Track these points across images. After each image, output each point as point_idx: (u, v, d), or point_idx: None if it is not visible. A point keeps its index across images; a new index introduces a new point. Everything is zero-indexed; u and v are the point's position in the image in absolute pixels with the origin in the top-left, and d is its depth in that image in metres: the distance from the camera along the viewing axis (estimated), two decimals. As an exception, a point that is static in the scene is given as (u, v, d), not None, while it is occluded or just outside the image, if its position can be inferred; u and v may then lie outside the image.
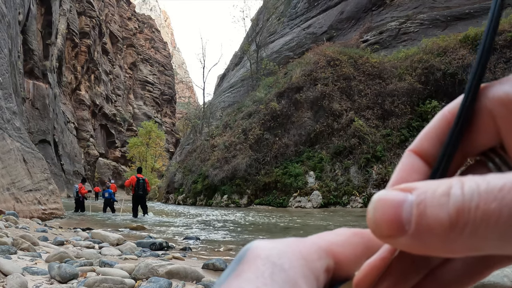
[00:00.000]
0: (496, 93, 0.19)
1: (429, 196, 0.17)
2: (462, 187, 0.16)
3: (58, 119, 43.49)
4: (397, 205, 0.17)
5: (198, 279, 3.03)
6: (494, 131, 0.19)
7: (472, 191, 0.16)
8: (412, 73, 20.60)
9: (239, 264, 0.19)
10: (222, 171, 22.57)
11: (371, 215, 0.18)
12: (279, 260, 0.18)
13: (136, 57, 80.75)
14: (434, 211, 0.16)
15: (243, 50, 41.53)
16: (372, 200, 0.18)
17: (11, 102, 10.44)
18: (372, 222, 0.18)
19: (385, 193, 0.18)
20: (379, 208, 0.18)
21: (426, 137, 0.21)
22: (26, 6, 25.83)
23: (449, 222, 0.16)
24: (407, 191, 0.17)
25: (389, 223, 0.17)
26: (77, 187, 14.98)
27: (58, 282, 2.70)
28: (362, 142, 19.43)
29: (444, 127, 0.20)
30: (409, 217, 0.17)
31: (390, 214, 0.17)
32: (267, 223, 10.12)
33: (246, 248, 0.20)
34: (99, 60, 62.30)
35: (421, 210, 0.16)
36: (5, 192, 8.09)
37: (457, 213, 0.16)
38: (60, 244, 4.98)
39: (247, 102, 28.57)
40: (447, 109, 0.21)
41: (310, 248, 0.20)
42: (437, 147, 0.21)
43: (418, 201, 0.17)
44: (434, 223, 0.16)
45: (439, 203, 0.16)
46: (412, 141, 0.22)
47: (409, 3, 28.89)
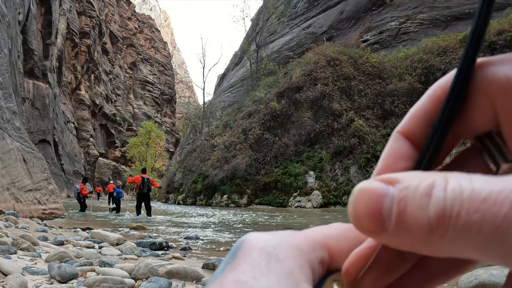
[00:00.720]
0: (495, 74, 0.18)
1: (410, 194, 0.16)
2: (445, 189, 0.15)
3: (58, 119, 43.50)
4: (377, 199, 0.17)
5: (198, 279, 3.03)
6: (491, 114, 0.18)
7: (455, 196, 0.15)
8: (412, 73, 20.60)
9: (235, 256, 0.19)
10: (222, 171, 22.57)
11: (351, 208, 0.18)
12: (274, 251, 0.18)
13: (136, 57, 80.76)
14: (414, 212, 0.15)
15: (243, 50, 41.54)
16: (354, 190, 0.18)
17: (11, 102, 10.45)
18: (353, 215, 0.17)
19: (367, 184, 0.17)
20: (359, 201, 0.17)
21: (415, 116, 0.20)
22: (26, 6, 25.83)
23: (428, 227, 0.15)
24: (390, 183, 0.17)
25: (369, 218, 0.17)
26: (78, 187, 14.95)
27: (58, 282, 2.70)
28: (362, 142, 19.43)
29: (434, 105, 0.19)
30: (389, 213, 0.16)
31: (371, 208, 0.17)
32: (267, 223, 10.12)
33: (241, 240, 0.20)
34: (99, 60, 62.31)
35: (401, 209, 0.16)
36: (5, 192, 8.09)
37: (437, 219, 0.15)
38: (60, 244, 4.98)
39: (247, 102, 28.57)
40: (438, 85, 0.20)
41: (305, 240, 0.20)
42: (427, 128, 0.20)
43: (399, 198, 0.16)
44: (413, 226, 0.15)
45: (419, 205, 0.15)
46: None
47: (409, 3, 28.89)
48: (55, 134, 40.45)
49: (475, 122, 0.19)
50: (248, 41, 41.52)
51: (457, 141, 0.20)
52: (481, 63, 0.18)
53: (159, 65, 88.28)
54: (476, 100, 0.18)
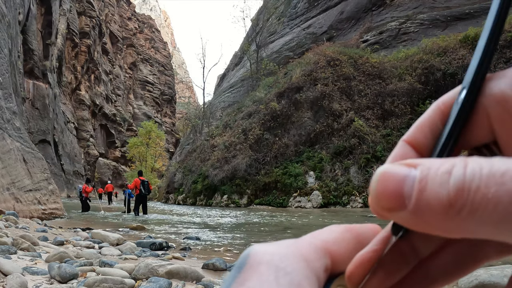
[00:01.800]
0: (491, 90, 0.18)
1: (432, 173, 0.17)
2: (465, 167, 0.16)
3: (58, 119, 43.49)
4: (400, 179, 0.17)
5: (198, 279, 3.02)
6: (488, 128, 0.19)
7: (474, 172, 0.16)
8: (412, 73, 20.60)
9: (242, 270, 0.19)
10: (222, 171, 22.57)
11: (373, 187, 0.18)
12: (281, 264, 0.18)
13: (136, 57, 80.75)
14: (435, 188, 0.16)
15: (243, 50, 41.54)
16: (376, 172, 0.18)
17: (11, 102, 10.44)
18: (374, 195, 0.18)
19: (390, 167, 0.18)
20: (382, 181, 0.18)
21: (420, 128, 0.21)
22: (26, 6, 25.83)
23: (448, 201, 0.16)
24: (412, 166, 0.17)
25: (390, 196, 0.17)
26: (80, 187, 14.98)
27: (58, 282, 2.70)
28: (362, 142, 19.43)
29: (437, 119, 0.20)
30: (410, 192, 0.17)
31: (392, 187, 0.17)
32: (267, 223, 10.12)
33: (246, 254, 0.19)
34: (99, 60, 62.30)
35: (422, 186, 0.16)
36: (5, 192, 8.09)
37: (456, 192, 0.15)
38: (60, 244, 4.98)
39: (247, 102, 28.57)
40: (441, 101, 0.21)
41: (309, 249, 0.20)
42: (430, 139, 0.20)
43: (421, 177, 0.17)
44: (434, 200, 0.16)
45: (441, 181, 0.16)
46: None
47: (409, 3, 28.90)
48: (55, 134, 40.45)
49: (475, 136, 0.19)
50: (248, 41, 41.52)
51: (458, 152, 0.20)
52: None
53: (159, 65, 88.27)
54: (476, 115, 0.19)
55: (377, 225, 0.22)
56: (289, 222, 10.23)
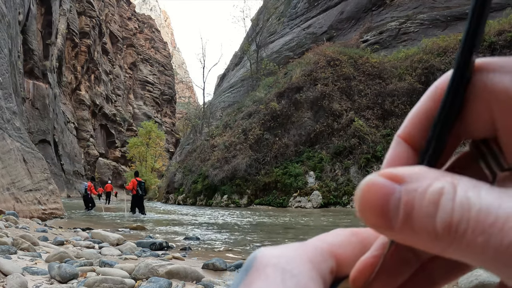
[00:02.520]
0: (495, 84, 0.17)
1: (418, 199, 0.16)
2: (453, 199, 0.15)
3: (58, 119, 43.47)
4: (384, 197, 0.17)
5: (198, 279, 3.02)
6: (488, 122, 0.18)
7: (463, 211, 0.15)
8: (412, 73, 20.60)
9: (248, 273, 0.19)
10: (222, 171, 22.57)
11: (357, 202, 0.17)
12: (288, 266, 0.18)
13: (136, 57, 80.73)
14: (421, 219, 0.16)
15: (243, 50, 41.54)
16: (360, 185, 0.18)
17: (11, 102, 10.44)
18: (359, 210, 0.17)
19: (373, 180, 0.17)
20: (366, 197, 0.17)
21: (414, 120, 0.20)
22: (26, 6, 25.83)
23: (434, 235, 0.15)
24: (397, 181, 0.17)
25: (375, 215, 0.17)
26: (86, 184, 15.13)
27: (58, 282, 2.70)
28: (362, 142, 19.43)
29: (433, 107, 0.19)
30: (395, 211, 0.16)
31: (377, 205, 0.17)
32: (267, 223, 10.11)
33: (252, 257, 0.19)
34: (99, 60, 62.29)
35: (408, 212, 0.16)
36: (5, 192, 8.09)
37: (443, 230, 0.15)
38: (60, 244, 4.98)
39: (247, 102, 28.57)
40: (437, 85, 0.19)
41: (315, 251, 0.20)
42: (425, 131, 0.19)
43: (406, 200, 0.16)
44: (420, 230, 0.16)
45: (427, 212, 0.16)
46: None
47: (409, 3, 28.89)
48: (55, 134, 40.43)
49: (473, 127, 0.19)
50: (248, 41, 41.51)
51: (458, 142, 0.20)
52: (481, 66, 0.18)
53: (159, 65, 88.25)
54: (474, 105, 0.18)
55: None
56: (289, 222, 10.23)
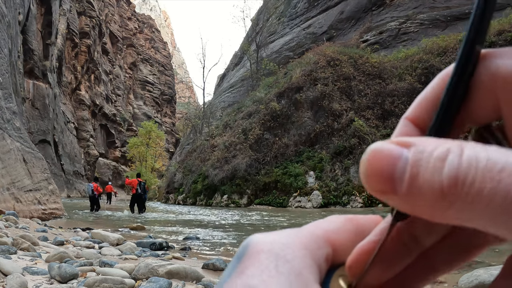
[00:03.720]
0: (498, 68, 0.17)
1: (425, 158, 0.16)
2: (460, 155, 0.15)
3: (58, 119, 43.47)
4: (391, 161, 0.16)
5: (198, 279, 3.02)
6: (493, 107, 0.18)
7: (470, 163, 0.15)
8: (412, 73, 20.60)
9: (241, 260, 0.18)
10: (222, 171, 22.57)
11: (363, 168, 0.17)
12: (282, 252, 0.18)
13: (136, 57, 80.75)
14: (428, 176, 0.15)
15: (243, 50, 41.54)
16: (367, 150, 0.17)
17: (11, 102, 10.44)
18: (364, 175, 0.17)
19: (381, 145, 0.17)
20: (372, 161, 0.17)
21: (423, 103, 0.20)
22: (26, 6, 25.82)
23: (440, 192, 0.15)
24: (404, 145, 0.16)
25: (380, 178, 0.16)
26: (92, 185, 15.39)
27: (58, 282, 2.70)
28: (362, 142, 19.42)
29: (440, 93, 0.19)
30: (402, 175, 0.16)
31: (383, 169, 0.16)
32: (267, 223, 10.12)
33: (246, 243, 0.19)
34: (99, 60, 62.29)
35: (414, 172, 0.16)
36: (5, 192, 8.09)
37: (449, 184, 0.15)
38: (60, 244, 4.98)
39: (247, 102, 28.57)
40: (445, 73, 0.19)
41: (310, 238, 0.20)
42: (432, 115, 0.19)
43: (413, 161, 0.16)
44: (426, 189, 0.15)
45: (434, 168, 0.15)
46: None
47: (409, 3, 28.89)
48: (55, 134, 40.44)
49: (477, 113, 0.18)
50: (248, 41, 41.52)
51: (462, 128, 0.19)
52: (485, 54, 0.18)
53: (159, 65, 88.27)
54: (479, 91, 0.18)
55: (379, 216, 0.22)
56: (289, 222, 10.23)
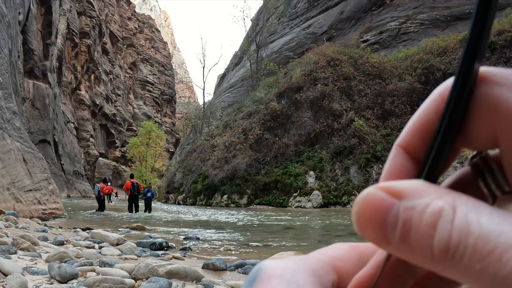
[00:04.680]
0: (500, 101, 0.16)
1: (416, 218, 0.16)
2: (451, 222, 0.15)
3: (58, 119, 43.46)
4: (382, 212, 0.17)
5: (198, 279, 3.02)
6: (491, 135, 0.17)
7: (461, 235, 0.15)
8: (412, 73, 20.60)
9: (253, 284, 0.19)
10: (222, 171, 22.57)
11: (355, 215, 0.17)
12: (293, 278, 0.18)
13: (136, 57, 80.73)
14: (418, 239, 0.16)
15: (243, 50, 41.53)
16: (357, 199, 0.18)
17: (11, 102, 10.44)
18: (357, 224, 0.17)
19: (372, 194, 0.17)
20: (363, 210, 0.17)
21: (414, 129, 0.19)
22: (26, 6, 25.81)
23: (431, 257, 0.15)
24: (395, 196, 0.17)
25: (373, 229, 0.17)
26: (99, 186, 15.71)
27: (58, 282, 2.70)
28: (362, 142, 19.42)
29: (433, 115, 0.19)
30: (393, 228, 0.16)
31: (375, 219, 0.17)
32: (267, 223, 10.11)
33: (257, 268, 0.20)
34: (99, 60, 62.28)
35: (405, 230, 0.16)
36: (5, 192, 8.09)
37: (439, 253, 0.15)
38: (60, 244, 4.98)
39: (247, 102, 28.56)
40: (438, 93, 0.19)
41: (318, 264, 0.20)
42: (426, 139, 0.19)
43: (403, 218, 0.16)
44: (417, 250, 0.16)
45: (424, 233, 0.15)
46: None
47: (409, 3, 28.89)
48: (55, 134, 40.43)
49: (473, 138, 0.18)
50: (248, 41, 41.52)
51: (457, 152, 0.19)
52: (485, 76, 0.17)
53: (159, 65, 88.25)
54: (477, 116, 0.17)
55: None
56: (290, 222, 10.23)
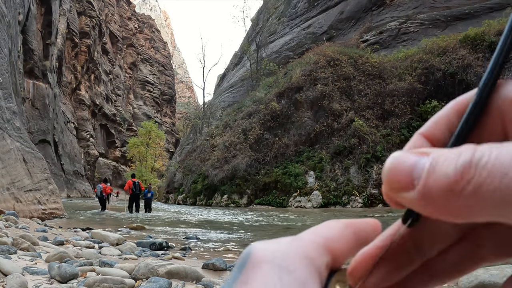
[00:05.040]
0: (507, 94, 0.19)
1: (442, 156, 0.17)
2: (474, 148, 0.17)
3: (58, 119, 43.46)
4: (411, 164, 0.18)
5: (198, 279, 3.02)
6: (501, 129, 0.19)
7: (483, 152, 0.16)
8: (412, 73, 20.59)
9: (243, 270, 0.18)
10: (222, 171, 22.57)
11: (385, 170, 0.19)
12: (284, 262, 0.18)
13: (136, 57, 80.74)
14: (443, 168, 0.17)
15: (243, 50, 41.53)
16: (389, 157, 0.19)
17: (11, 102, 10.44)
18: (385, 177, 0.18)
19: (402, 153, 0.19)
20: (393, 165, 0.18)
21: (436, 123, 0.21)
22: (26, 6, 25.81)
23: (454, 176, 0.16)
24: (424, 154, 0.18)
25: (400, 177, 0.18)
26: (101, 186, 16.06)
27: (58, 282, 2.70)
28: (362, 142, 19.41)
29: (453, 116, 0.21)
30: (420, 174, 0.17)
31: (403, 170, 0.18)
32: (267, 223, 10.11)
33: (247, 252, 0.19)
34: (99, 60, 62.28)
35: (431, 168, 0.17)
36: (5, 192, 8.09)
37: (463, 169, 0.16)
38: (60, 244, 4.98)
39: (247, 102, 28.56)
40: (458, 100, 0.21)
41: (311, 246, 0.20)
42: (446, 134, 0.21)
43: (431, 161, 0.18)
44: (441, 178, 0.17)
45: (449, 161, 0.17)
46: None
47: (409, 3, 28.88)
48: (55, 134, 40.43)
49: (487, 134, 0.20)
50: (248, 41, 41.52)
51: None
52: (499, 82, 0.19)
53: (159, 65, 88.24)
54: (488, 116, 0.19)
55: (377, 220, 0.22)
56: (290, 222, 10.23)
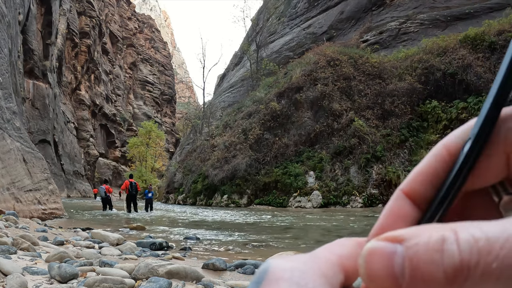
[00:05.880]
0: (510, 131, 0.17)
1: (422, 251, 0.16)
2: (456, 241, 0.15)
3: (58, 119, 43.47)
4: (387, 258, 0.17)
5: (198, 279, 3.02)
6: (504, 167, 0.18)
7: (470, 247, 0.15)
8: (412, 73, 20.59)
9: (260, 286, 0.18)
10: (222, 171, 22.57)
11: (363, 271, 0.18)
12: (302, 281, 0.18)
13: (136, 57, 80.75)
14: (428, 267, 0.16)
15: (243, 50, 41.54)
16: (362, 254, 0.18)
17: (11, 102, 10.44)
18: (365, 277, 0.18)
19: (374, 246, 0.18)
20: (370, 263, 0.18)
21: (418, 177, 0.20)
22: (26, 6, 25.81)
23: (445, 280, 0.15)
24: (396, 241, 0.17)
25: (382, 278, 0.17)
26: (104, 187, 16.59)
27: (58, 282, 2.70)
28: (362, 142, 19.41)
29: (439, 167, 0.19)
30: (401, 270, 0.16)
31: (382, 268, 0.17)
32: (267, 223, 10.12)
33: (264, 269, 0.19)
34: (99, 60, 62.29)
35: (414, 266, 0.16)
36: (5, 192, 8.09)
37: (454, 271, 0.15)
38: (60, 244, 4.98)
39: (247, 102, 28.56)
40: (443, 146, 0.19)
41: (326, 265, 0.20)
42: (430, 189, 0.19)
43: (409, 255, 0.16)
44: (429, 279, 0.16)
45: (432, 260, 0.16)
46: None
47: (409, 3, 28.89)
48: (55, 134, 40.44)
49: (486, 177, 0.18)
50: (248, 41, 41.53)
51: (462, 194, 0.19)
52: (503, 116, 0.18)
53: (159, 65, 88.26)
54: (491, 155, 0.18)
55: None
56: (290, 222, 10.23)
